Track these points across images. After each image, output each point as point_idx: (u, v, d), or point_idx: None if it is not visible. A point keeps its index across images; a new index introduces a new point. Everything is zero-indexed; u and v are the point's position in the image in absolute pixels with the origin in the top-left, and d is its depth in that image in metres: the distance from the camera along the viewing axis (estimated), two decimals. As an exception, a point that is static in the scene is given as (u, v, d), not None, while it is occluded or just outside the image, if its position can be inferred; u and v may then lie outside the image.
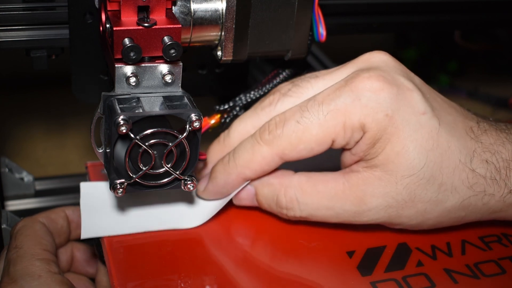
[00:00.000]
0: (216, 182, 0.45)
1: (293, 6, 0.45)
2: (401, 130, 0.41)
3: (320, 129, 0.42)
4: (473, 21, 0.63)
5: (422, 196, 0.42)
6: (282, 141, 0.43)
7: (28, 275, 0.41)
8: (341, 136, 0.42)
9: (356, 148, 0.43)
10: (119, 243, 0.44)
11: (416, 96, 0.42)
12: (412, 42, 1.04)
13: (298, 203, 0.44)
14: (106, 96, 0.41)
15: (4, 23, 0.46)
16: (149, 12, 0.41)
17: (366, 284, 0.42)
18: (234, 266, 0.43)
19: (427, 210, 0.42)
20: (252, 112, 0.46)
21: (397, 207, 0.42)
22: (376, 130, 0.41)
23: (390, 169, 0.42)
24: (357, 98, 0.41)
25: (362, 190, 0.42)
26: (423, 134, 0.41)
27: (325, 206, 0.43)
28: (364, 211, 0.43)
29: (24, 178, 0.63)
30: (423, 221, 0.43)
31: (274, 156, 0.43)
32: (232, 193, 0.46)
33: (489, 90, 0.98)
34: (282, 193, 0.44)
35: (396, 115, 0.41)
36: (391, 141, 0.41)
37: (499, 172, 0.42)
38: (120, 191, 0.41)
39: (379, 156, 0.42)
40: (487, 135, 0.43)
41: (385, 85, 0.41)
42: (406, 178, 0.41)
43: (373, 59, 0.44)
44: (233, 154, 0.45)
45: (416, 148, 0.41)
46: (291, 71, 0.50)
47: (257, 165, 0.44)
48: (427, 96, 0.43)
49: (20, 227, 0.46)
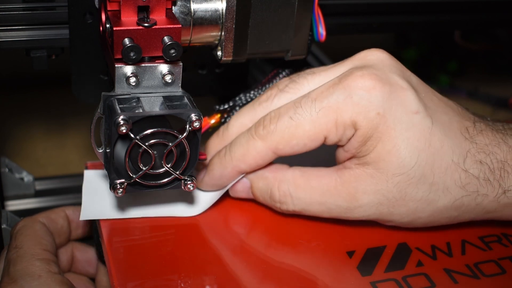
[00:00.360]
0: (213, 174, 0.46)
1: (293, 6, 0.45)
2: (392, 128, 0.41)
3: (312, 126, 0.42)
4: (473, 21, 0.63)
5: (413, 195, 0.42)
6: (276, 136, 0.43)
7: (28, 275, 0.41)
8: (333, 133, 0.42)
9: (348, 145, 0.43)
10: (119, 243, 0.44)
11: (409, 95, 0.42)
12: (412, 42, 1.04)
13: (291, 198, 0.44)
14: (106, 96, 0.41)
15: (4, 23, 0.46)
16: (149, 12, 0.41)
17: (366, 284, 0.42)
18: (234, 266, 0.43)
19: (418, 209, 0.43)
20: (250, 107, 0.46)
21: (388, 205, 0.43)
22: (367, 128, 0.42)
23: (381, 167, 0.42)
24: (349, 96, 0.42)
25: (354, 187, 0.43)
26: (415, 133, 0.42)
27: (317, 201, 0.44)
28: (356, 207, 0.43)
29: (24, 178, 0.63)
30: (415, 219, 0.44)
31: (268, 151, 0.44)
32: (228, 185, 0.47)
33: (489, 90, 0.97)
34: (276, 187, 0.45)
35: (387, 114, 0.41)
36: (382, 139, 0.42)
37: (493, 173, 0.42)
38: (120, 191, 0.41)
39: (370, 153, 0.42)
40: (482, 136, 0.43)
41: (378, 84, 0.42)
42: (397, 176, 0.42)
43: (369, 57, 0.44)
44: (229, 148, 0.45)
45: (408, 147, 0.41)
46: (291, 71, 0.50)
47: (252, 159, 0.44)
48: (422, 95, 0.43)
49: (20, 227, 0.46)
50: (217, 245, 0.45)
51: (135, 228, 0.45)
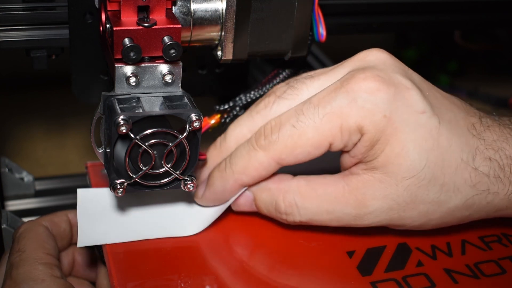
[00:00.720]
0: (214, 189, 0.45)
1: (293, 6, 0.45)
2: (399, 130, 0.40)
3: (316, 133, 0.41)
4: (473, 21, 0.63)
5: (424, 197, 0.41)
6: (278, 146, 0.42)
7: (31, 279, 0.41)
8: (338, 139, 0.41)
9: (354, 151, 0.42)
10: (119, 243, 0.44)
11: (414, 95, 0.41)
12: (412, 42, 1.04)
13: (297, 208, 0.43)
14: (106, 96, 0.41)
15: (4, 23, 0.46)
16: (149, 12, 0.41)
17: (366, 284, 0.42)
18: (234, 266, 0.43)
19: (430, 211, 0.42)
20: (248, 116, 0.45)
21: (399, 209, 0.42)
22: (374, 132, 0.40)
23: (390, 170, 0.41)
24: (353, 100, 0.40)
25: (363, 193, 0.42)
26: (423, 134, 0.41)
27: (325, 210, 0.43)
28: (365, 214, 0.42)
29: (24, 178, 0.63)
30: (426, 222, 0.43)
31: (271, 161, 0.42)
32: (231, 200, 0.45)
33: (489, 90, 0.98)
34: (280, 198, 0.43)
35: (394, 116, 0.40)
36: (390, 142, 0.41)
37: (503, 170, 0.42)
38: (120, 191, 0.41)
39: (378, 158, 0.41)
40: (490, 132, 0.42)
41: (382, 85, 0.40)
42: (406, 179, 0.41)
43: (370, 57, 0.43)
44: (229, 160, 0.44)
45: (416, 148, 0.40)
46: (291, 71, 0.50)
47: (254, 171, 0.43)
48: (426, 93, 0.42)
49: (23, 230, 0.45)
50: (216, 244, 0.45)
51: (135, 228, 0.45)
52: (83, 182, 0.56)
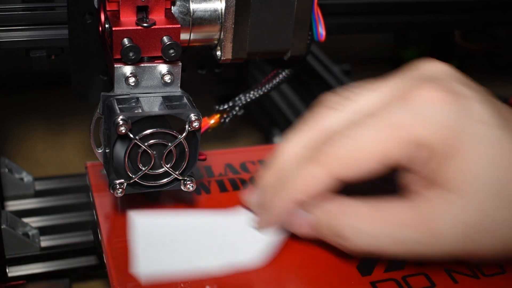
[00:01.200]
0: (271, 211, 0.42)
1: (292, 6, 0.45)
2: (469, 145, 0.37)
3: (377, 147, 0.37)
4: (473, 21, 0.63)
5: (504, 218, 0.37)
6: (336, 161, 0.38)
7: None
8: (402, 153, 0.37)
9: (419, 167, 0.38)
10: (119, 243, 0.44)
11: (481, 107, 0.38)
12: (412, 42, 1.04)
13: (358, 233, 0.39)
14: (106, 96, 0.41)
15: (4, 23, 0.46)
16: (148, 12, 0.41)
17: (366, 284, 0.42)
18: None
19: (509, 234, 0.37)
20: (298, 132, 0.42)
21: (472, 233, 0.37)
22: (440, 146, 0.37)
23: (461, 189, 0.37)
24: (416, 111, 0.37)
25: (432, 217, 0.37)
26: (494, 148, 0.37)
27: (390, 236, 0.38)
28: (437, 241, 0.38)
29: (24, 178, 0.63)
30: (503, 247, 0.38)
31: (327, 177, 0.39)
32: (288, 221, 0.42)
33: (489, 90, 0.97)
34: (339, 222, 0.40)
35: (461, 129, 0.37)
36: (459, 157, 0.37)
37: None
38: (119, 191, 0.41)
39: (446, 175, 0.37)
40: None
41: (447, 97, 0.37)
42: (481, 199, 0.37)
43: (430, 68, 0.40)
44: (284, 179, 0.41)
45: (488, 164, 0.36)
46: (291, 71, 0.50)
47: (312, 189, 0.39)
48: (493, 106, 0.39)
49: None
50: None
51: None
52: (83, 182, 0.56)
